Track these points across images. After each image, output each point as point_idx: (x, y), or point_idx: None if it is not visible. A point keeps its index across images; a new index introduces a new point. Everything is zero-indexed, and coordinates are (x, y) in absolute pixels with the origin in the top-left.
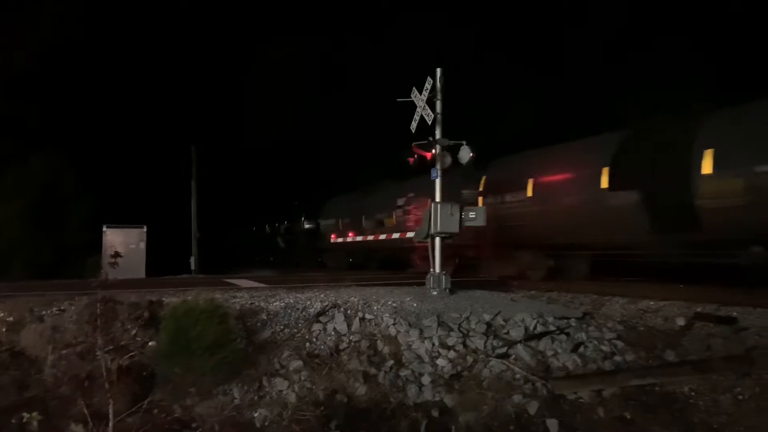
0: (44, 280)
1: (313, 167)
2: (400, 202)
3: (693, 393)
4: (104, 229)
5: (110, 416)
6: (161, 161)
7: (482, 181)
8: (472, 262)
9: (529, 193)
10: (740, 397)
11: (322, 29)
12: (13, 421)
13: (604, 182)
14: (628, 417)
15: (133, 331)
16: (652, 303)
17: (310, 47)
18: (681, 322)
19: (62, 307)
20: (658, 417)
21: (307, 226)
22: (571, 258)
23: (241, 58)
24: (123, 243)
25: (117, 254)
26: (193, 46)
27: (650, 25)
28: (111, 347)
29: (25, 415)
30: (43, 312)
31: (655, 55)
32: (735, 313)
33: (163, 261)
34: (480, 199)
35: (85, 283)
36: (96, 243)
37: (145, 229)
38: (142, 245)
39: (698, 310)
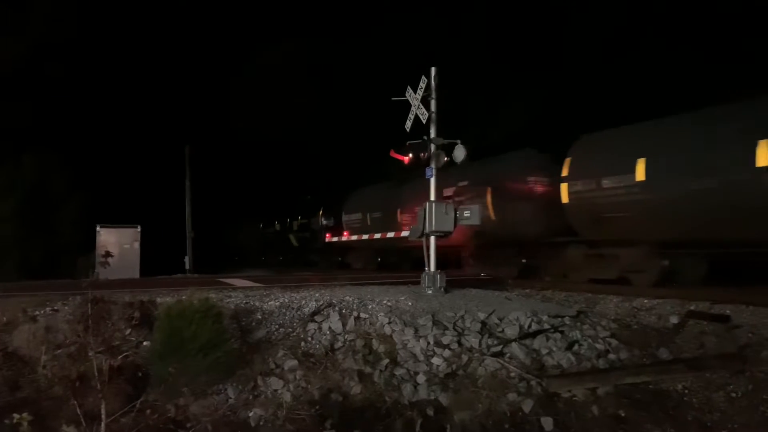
0: (37, 280)
1: (314, 165)
2: (448, 192)
3: (686, 391)
4: (98, 228)
5: (102, 416)
6: (155, 160)
7: (566, 164)
8: (546, 263)
9: (640, 176)
10: (733, 394)
11: (317, 28)
12: (6, 421)
13: (763, 159)
14: (623, 415)
15: (127, 331)
16: (645, 301)
17: (306, 46)
18: (675, 320)
19: (55, 307)
20: (651, 415)
21: (325, 222)
22: (687, 257)
23: (236, 56)
24: (117, 243)
25: (108, 254)
26: (187, 44)
27: (647, 24)
28: (104, 347)
29: (16, 416)
30: (36, 312)
31: (651, 53)
32: (728, 311)
33: (157, 261)
34: (563, 186)
35: (79, 283)
36: (89, 243)
37: (139, 229)
38: (137, 245)
39: (692, 308)
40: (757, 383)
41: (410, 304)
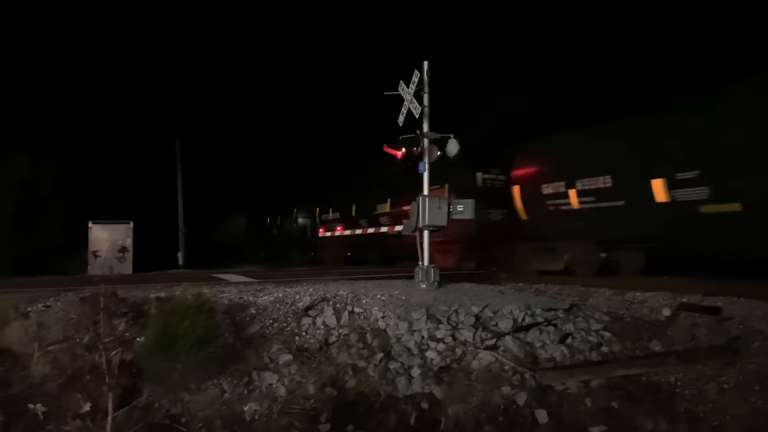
0: (28, 277)
1: (302, 161)
2: None
3: (678, 383)
4: (90, 225)
5: (109, 411)
6: (147, 156)
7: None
8: None
9: None
10: (725, 386)
11: (306, 26)
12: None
13: None
14: (615, 407)
15: (120, 327)
16: (638, 294)
17: (294, 43)
18: (666, 312)
19: (48, 304)
20: (644, 407)
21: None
22: None
23: (224, 52)
24: (109, 239)
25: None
26: (176, 40)
27: (631, 22)
28: (97, 343)
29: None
30: (29, 308)
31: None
32: (719, 303)
33: (150, 256)
34: None
35: (71, 280)
36: (81, 240)
37: (131, 225)
38: (129, 241)
39: (683, 300)
40: (747, 375)
41: (404, 298)
